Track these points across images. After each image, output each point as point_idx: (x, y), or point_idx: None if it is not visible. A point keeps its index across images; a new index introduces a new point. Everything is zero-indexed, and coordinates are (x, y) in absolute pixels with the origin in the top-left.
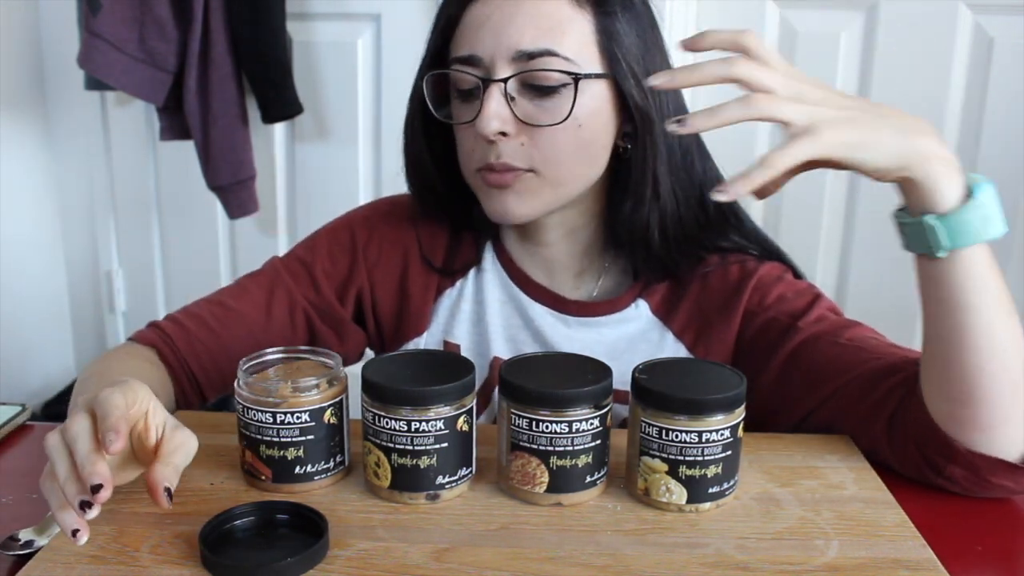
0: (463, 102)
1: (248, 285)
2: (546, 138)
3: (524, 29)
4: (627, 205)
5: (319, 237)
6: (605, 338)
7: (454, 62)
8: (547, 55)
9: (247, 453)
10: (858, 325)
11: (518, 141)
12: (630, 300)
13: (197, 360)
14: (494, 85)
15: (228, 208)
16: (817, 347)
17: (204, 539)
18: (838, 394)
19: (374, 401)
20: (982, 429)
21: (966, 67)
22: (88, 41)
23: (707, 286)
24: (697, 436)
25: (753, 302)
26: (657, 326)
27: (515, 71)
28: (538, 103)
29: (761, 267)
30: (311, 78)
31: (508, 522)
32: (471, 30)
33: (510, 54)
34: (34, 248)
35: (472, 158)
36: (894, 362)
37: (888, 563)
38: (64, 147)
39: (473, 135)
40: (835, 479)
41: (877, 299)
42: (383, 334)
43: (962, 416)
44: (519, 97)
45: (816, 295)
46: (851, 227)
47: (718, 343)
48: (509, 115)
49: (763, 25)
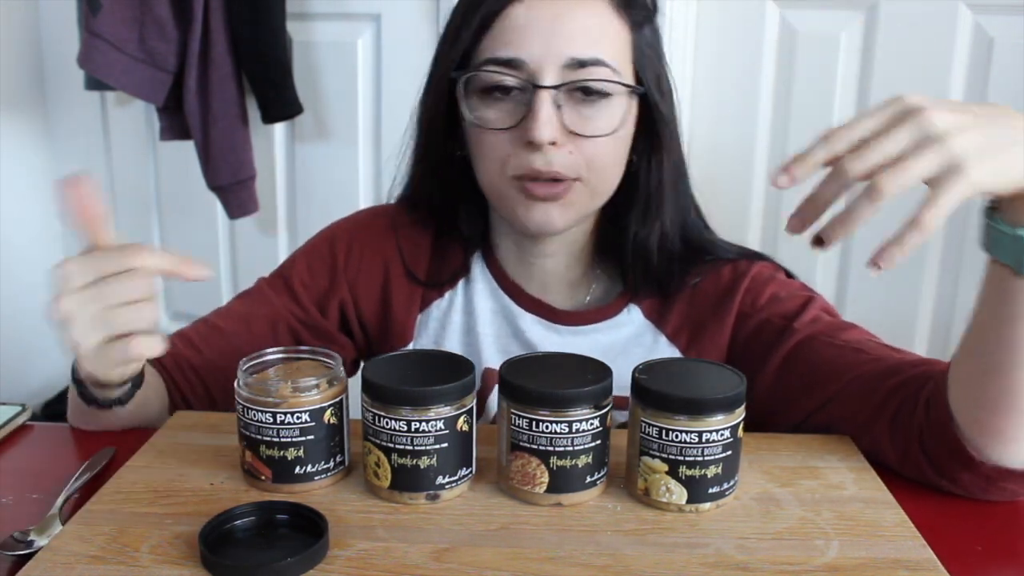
0: (492, 105)
1: (233, 304)
2: (591, 148)
3: (574, 35)
4: (633, 219)
5: (299, 252)
6: (598, 344)
7: (490, 63)
8: (598, 64)
9: (247, 453)
10: (853, 327)
11: (566, 149)
12: (621, 306)
13: (182, 375)
14: (545, 91)
15: (228, 208)
16: (814, 348)
17: (204, 539)
18: (838, 396)
19: (374, 401)
20: (1006, 440)
21: (966, 67)
22: (88, 41)
23: (699, 289)
24: (697, 436)
25: (746, 303)
26: (650, 330)
27: (565, 78)
28: (583, 111)
29: (752, 267)
30: (311, 78)
31: (508, 522)
32: (513, 32)
33: (561, 61)
34: (34, 248)
35: (507, 164)
36: (893, 364)
37: (888, 563)
38: (64, 147)
39: (508, 140)
40: (835, 479)
41: (876, 305)
42: (371, 345)
43: (990, 425)
44: (565, 105)
45: (810, 296)
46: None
47: (711, 345)
48: (558, 123)
49: (763, 25)
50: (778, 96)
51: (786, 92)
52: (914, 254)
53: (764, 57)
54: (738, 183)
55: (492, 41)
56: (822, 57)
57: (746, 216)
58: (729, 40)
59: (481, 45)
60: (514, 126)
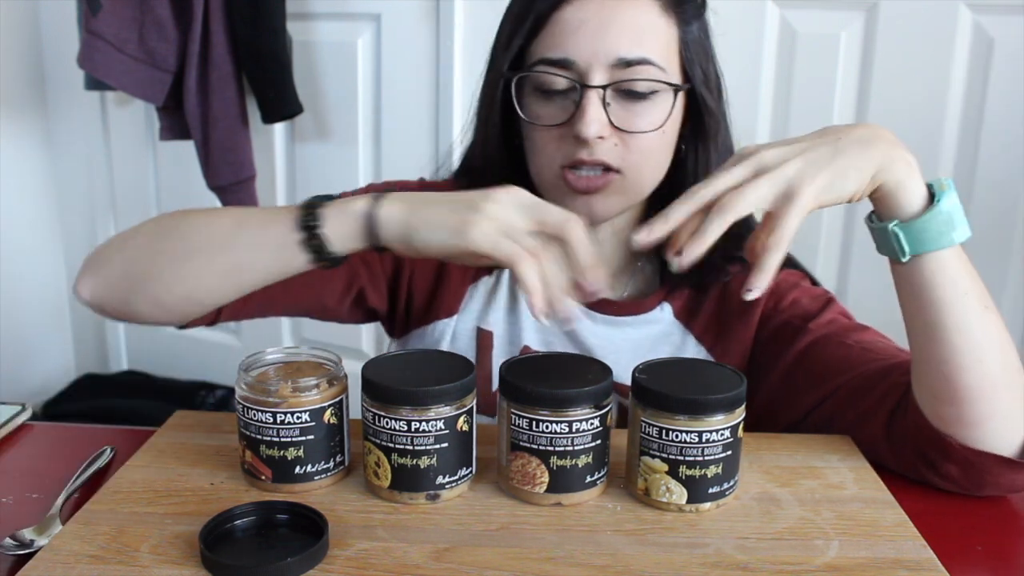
0: (544, 102)
1: None
2: (637, 142)
3: (621, 36)
4: None
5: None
6: (630, 337)
7: (542, 63)
8: (644, 64)
9: (247, 453)
10: (867, 329)
11: (611, 143)
12: (655, 303)
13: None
14: (593, 91)
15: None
16: (825, 347)
17: (204, 539)
18: (839, 391)
19: (374, 401)
20: (968, 425)
21: (966, 67)
22: (88, 41)
23: (727, 291)
24: (697, 436)
25: (769, 306)
26: (679, 329)
27: (613, 77)
28: (630, 108)
29: (779, 274)
30: (311, 78)
31: (508, 522)
32: (564, 33)
33: (609, 60)
34: (34, 248)
35: (556, 158)
36: (896, 363)
37: (888, 563)
38: (64, 147)
39: (558, 136)
40: (835, 479)
41: (876, 302)
42: (411, 309)
43: (947, 414)
44: (613, 102)
45: (829, 299)
46: (851, 230)
47: (736, 345)
48: (606, 120)
49: (763, 25)
50: (778, 96)
51: (786, 92)
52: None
53: (764, 57)
54: None
55: (543, 42)
56: (822, 57)
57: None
58: (729, 40)
59: (533, 46)
60: (564, 123)
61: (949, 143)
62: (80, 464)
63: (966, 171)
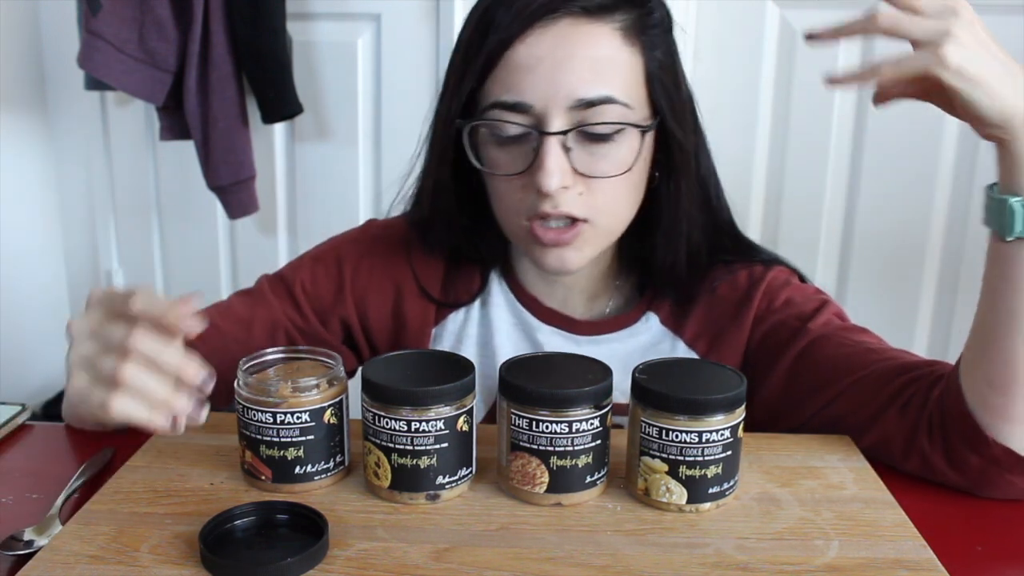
0: (501, 148)
1: (234, 302)
2: (603, 187)
3: (580, 74)
4: (659, 242)
5: (304, 258)
6: (616, 352)
7: (496, 107)
8: (607, 102)
9: (247, 453)
10: (866, 331)
11: (576, 191)
12: (638, 315)
13: None
14: (553, 138)
15: (228, 208)
16: (825, 348)
17: (204, 539)
18: (850, 390)
19: (374, 401)
20: (1012, 420)
21: None
22: (88, 41)
23: (716, 295)
24: (697, 436)
25: (762, 307)
26: (668, 336)
27: (573, 120)
28: (594, 151)
29: (769, 272)
30: (311, 78)
31: (508, 522)
32: (517, 74)
33: (568, 102)
34: (34, 248)
35: (520, 208)
36: (907, 362)
37: (888, 563)
38: (64, 147)
39: (520, 185)
40: (835, 479)
41: (875, 305)
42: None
43: (996, 404)
44: (575, 146)
45: (824, 300)
46: (851, 231)
47: (729, 349)
48: (568, 167)
49: (763, 25)
50: (778, 96)
51: (786, 92)
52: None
53: (764, 57)
54: (737, 183)
55: (496, 84)
56: (822, 57)
57: (745, 216)
58: (729, 40)
59: (485, 87)
60: (524, 171)
61: (949, 143)
62: (80, 464)
63: (966, 171)
